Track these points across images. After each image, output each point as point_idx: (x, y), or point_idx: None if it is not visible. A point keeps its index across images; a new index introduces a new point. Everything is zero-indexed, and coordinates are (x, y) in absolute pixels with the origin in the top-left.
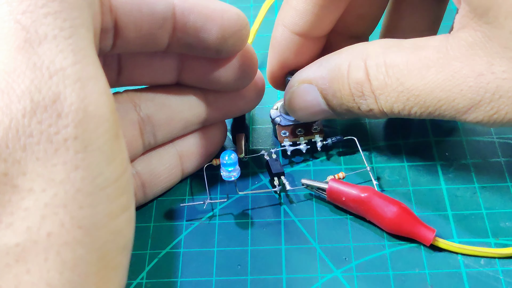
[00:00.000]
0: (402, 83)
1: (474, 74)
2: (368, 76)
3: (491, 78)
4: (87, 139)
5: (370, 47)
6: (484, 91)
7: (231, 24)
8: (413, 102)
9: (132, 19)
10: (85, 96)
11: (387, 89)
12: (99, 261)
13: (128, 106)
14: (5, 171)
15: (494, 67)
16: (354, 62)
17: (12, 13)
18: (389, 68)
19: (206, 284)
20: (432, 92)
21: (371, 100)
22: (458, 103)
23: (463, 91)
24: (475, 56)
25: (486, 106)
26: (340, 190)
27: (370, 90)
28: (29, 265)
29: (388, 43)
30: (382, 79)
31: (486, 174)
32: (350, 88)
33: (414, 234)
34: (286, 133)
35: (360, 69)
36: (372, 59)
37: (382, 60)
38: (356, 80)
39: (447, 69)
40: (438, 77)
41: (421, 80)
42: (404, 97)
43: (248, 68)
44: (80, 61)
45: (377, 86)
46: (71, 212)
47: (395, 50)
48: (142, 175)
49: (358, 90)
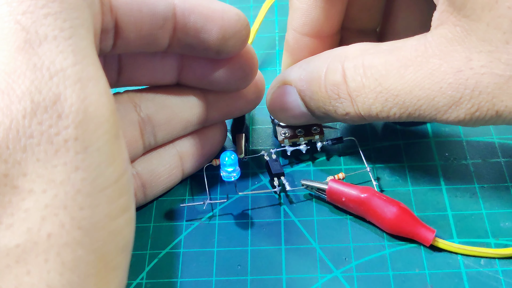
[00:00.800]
0: (380, 83)
1: (453, 70)
2: (345, 78)
3: (470, 74)
4: (87, 140)
5: (348, 50)
6: (463, 88)
7: (231, 24)
8: (392, 102)
9: (133, 19)
10: (85, 97)
11: (365, 90)
12: (99, 262)
13: (128, 106)
14: (5, 172)
15: (473, 62)
16: (332, 65)
17: (12, 14)
18: (367, 69)
19: (206, 284)
20: (411, 92)
21: (347, 103)
22: (438, 101)
23: (443, 89)
24: (453, 52)
25: (466, 104)
26: (340, 191)
27: (347, 92)
28: (29, 266)
29: (366, 46)
30: (360, 80)
31: (486, 175)
32: (326, 90)
33: (414, 234)
34: (286, 133)
35: (337, 71)
36: (350, 61)
37: (360, 61)
38: (332, 82)
39: (425, 67)
40: (417, 75)
41: (400, 79)
42: (383, 98)
43: (248, 68)
44: (80, 61)
45: (354, 87)
46: (71, 213)
47: (373, 52)
48: (143, 176)
49: (334, 92)
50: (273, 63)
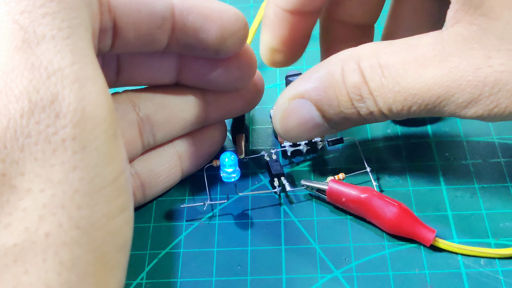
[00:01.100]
0: (398, 83)
1: (472, 68)
2: (364, 78)
3: (489, 71)
4: (85, 140)
5: (360, 50)
6: (482, 85)
7: (230, 24)
8: (411, 101)
9: (131, 19)
10: (83, 96)
11: (384, 89)
12: (97, 262)
13: (127, 106)
14: (3, 171)
15: (492, 60)
16: (347, 66)
17: (10, 13)
18: (384, 69)
19: (206, 284)
20: (429, 90)
21: (370, 102)
22: (458, 98)
23: (462, 86)
24: (471, 50)
25: (485, 100)
26: (340, 191)
27: (368, 92)
28: (27, 266)
29: (379, 45)
30: (379, 80)
31: (486, 175)
32: (347, 92)
33: (414, 234)
34: None
35: (355, 72)
36: (365, 61)
37: (376, 61)
38: (352, 83)
39: (444, 65)
40: (436, 74)
41: (418, 78)
42: (402, 97)
43: (247, 68)
44: (78, 61)
45: (374, 87)
46: (69, 213)
47: (387, 51)
48: (142, 175)
49: (356, 93)
50: None
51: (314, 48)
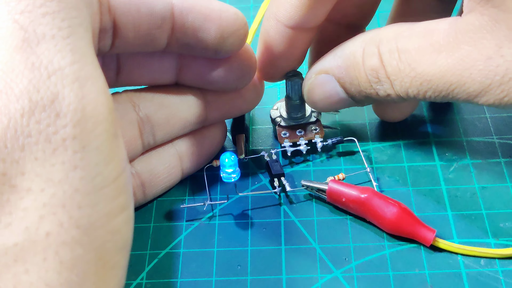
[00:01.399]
0: (414, 69)
1: (483, 57)
2: (382, 62)
3: (500, 61)
4: (86, 139)
5: (382, 32)
6: (493, 75)
7: (229, 24)
8: (426, 86)
9: (131, 19)
10: (83, 95)
11: (401, 74)
12: (97, 261)
13: (127, 106)
14: (3, 171)
15: (503, 50)
16: (368, 49)
17: (10, 13)
18: (401, 54)
19: (206, 284)
20: (443, 77)
21: (387, 86)
22: (469, 87)
23: (473, 75)
24: (483, 39)
25: (496, 90)
26: (340, 191)
27: (386, 75)
28: (27, 265)
29: (400, 28)
30: (395, 65)
31: (486, 175)
32: (366, 74)
33: (414, 234)
34: (286, 133)
35: (374, 56)
36: (384, 45)
37: (395, 45)
38: (371, 66)
39: (457, 53)
40: (448, 61)
41: (432, 65)
42: (417, 82)
43: (247, 68)
44: (78, 60)
45: (391, 71)
46: (69, 212)
47: (407, 35)
48: (142, 175)
49: (374, 76)
50: None
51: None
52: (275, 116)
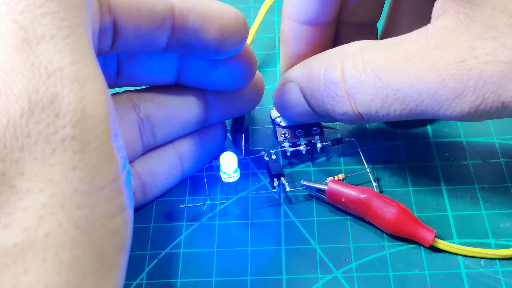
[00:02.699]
0: (380, 79)
1: (456, 61)
2: (343, 76)
3: (473, 63)
4: (85, 139)
5: (348, 47)
6: (467, 79)
7: (229, 24)
8: (393, 98)
9: (131, 19)
10: (82, 96)
11: (364, 86)
12: (96, 261)
13: (127, 106)
14: (2, 171)
15: (476, 50)
16: (331, 62)
17: (10, 13)
18: (366, 65)
19: (206, 284)
20: (412, 86)
21: (344, 102)
22: (441, 95)
23: (445, 81)
24: (456, 42)
25: (470, 96)
26: (339, 192)
27: (344, 90)
28: (27, 266)
29: (366, 43)
30: (358, 77)
31: (486, 175)
32: (324, 88)
33: (413, 235)
34: (286, 134)
35: (336, 69)
36: (349, 58)
37: (360, 58)
38: (330, 79)
39: (427, 59)
40: (418, 68)
41: (401, 73)
42: (383, 93)
43: (247, 68)
44: (78, 61)
45: (353, 84)
46: (68, 212)
47: (373, 48)
48: (142, 176)
49: (331, 90)
50: (273, 64)
51: None
52: (275, 117)
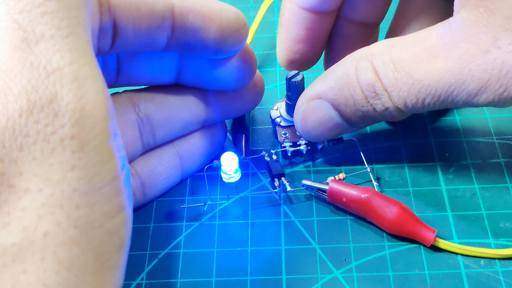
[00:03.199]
0: (411, 76)
1: (481, 52)
2: (378, 75)
3: (497, 53)
4: (84, 139)
5: (373, 48)
6: (491, 69)
7: (229, 23)
8: (425, 93)
9: (131, 18)
10: (82, 95)
11: (398, 84)
12: (95, 261)
13: (127, 106)
14: (1, 170)
15: (500, 41)
16: (361, 65)
17: (10, 13)
18: (396, 64)
19: (206, 284)
20: (441, 79)
21: (385, 98)
22: (468, 85)
23: (472, 71)
24: (479, 33)
25: (494, 85)
26: (340, 191)
27: (382, 88)
28: (25, 265)
29: (390, 42)
30: (392, 76)
31: (486, 175)
32: (362, 91)
33: (414, 234)
34: (287, 133)
35: (368, 70)
36: (377, 59)
37: (388, 57)
38: (366, 81)
39: (454, 52)
40: (447, 62)
41: (430, 69)
42: (415, 89)
43: (247, 68)
44: (77, 60)
45: (388, 83)
46: (67, 212)
47: (399, 46)
48: (142, 175)
49: (370, 91)
50: (273, 64)
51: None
52: (275, 116)
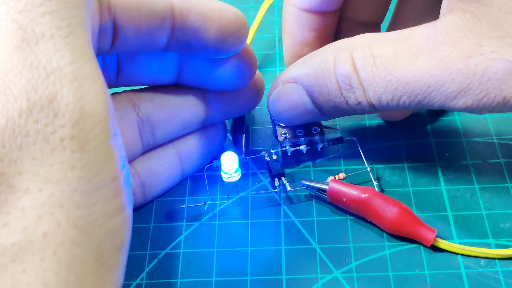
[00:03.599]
0: (390, 72)
1: (463, 56)
2: (356, 68)
3: (479, 59)
4: (84, 139)
5: (355, 40)
6: (473, 74)
7: (229, 23)
8: (402, 91)
9: (131, 18)
10: (81, 95)
11: (375, 79)
12: (95, 261)
13: (127, 106)
14: (1, 170)
15: (483, 48)
16: (340, 55)
17: (10, 12)
18: (376, 59)
19: (205, 284)
20: (421, 79)
21: (359, 92)
22: (448, 87)
23: (452, 75)
24: (464, 38)
25: (475, 90)
26: (340, 191)
27: (358, 81)
28: (25, 265)
29: (373, 36)
30: (370, 70)
31: (486, 175)
32: (337, 81)
33: (414, 234)
34: (287, 134)
35: (347, 62)
36: (358, 51)
37: (369, 51)
38: (343, 73)
39: (436, 54)
40: (428, 63)
41: (410, 67)
42: (393, 86)
43: (247, 68)
44: (77, 60)
45: (365, 77)
46: (67, 212)
47: (381, 41)
48: (142, 175)
49: (345, 83)
50: (273, 64)
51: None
52: None
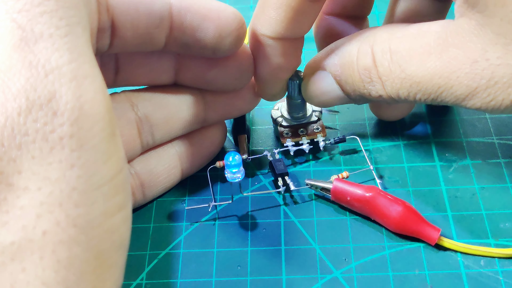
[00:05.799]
0: (403, 70)
1: (469, 61)
2: (375, 62)
3: (485, 65)
4: (83, 138)
5: (377, 32)
6: (479, 78)
7: (227, 23)
8: (416, 89)
9: (129, 18)
10: (80, 94)
11: (391, 75)
12: (94, 260)
13: (125, 106)
14: (0, 169)
15: (489, 54)
16: (362, 48)
17: (8, 12)
18: (393, 54)
19: (205, 285)
20: (431, 79)
21: (379, 86)
22: (456, 90)
23: (460, 78)
24: (470, 43)
25: (482, 93)
26: (345, 190)
27: (377, 76)
28: (24, 264)
29: (394, 29)
30: (387, 66)
31: (486, 175)
32: (359, 74)
33: (419, 233)
34: (288, 133)
35: (368, 55)
36: (378, 45)
37: (388, 46)
38: (364, 66)
39: (445, 55)
40: (437, 64)
41: (422, 66)
42: (407, 84)
43: (245, 68)
44: (76, 59)
45: (383, 72)
46: (66, 211)
47: (399, 36)
48: (141, 175)
49: (366, 76)
50: None
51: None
52: (276, 116)
